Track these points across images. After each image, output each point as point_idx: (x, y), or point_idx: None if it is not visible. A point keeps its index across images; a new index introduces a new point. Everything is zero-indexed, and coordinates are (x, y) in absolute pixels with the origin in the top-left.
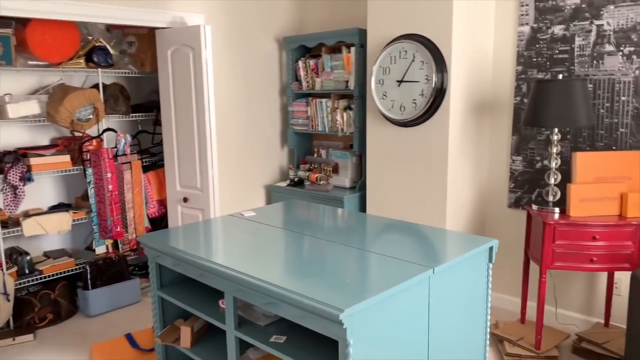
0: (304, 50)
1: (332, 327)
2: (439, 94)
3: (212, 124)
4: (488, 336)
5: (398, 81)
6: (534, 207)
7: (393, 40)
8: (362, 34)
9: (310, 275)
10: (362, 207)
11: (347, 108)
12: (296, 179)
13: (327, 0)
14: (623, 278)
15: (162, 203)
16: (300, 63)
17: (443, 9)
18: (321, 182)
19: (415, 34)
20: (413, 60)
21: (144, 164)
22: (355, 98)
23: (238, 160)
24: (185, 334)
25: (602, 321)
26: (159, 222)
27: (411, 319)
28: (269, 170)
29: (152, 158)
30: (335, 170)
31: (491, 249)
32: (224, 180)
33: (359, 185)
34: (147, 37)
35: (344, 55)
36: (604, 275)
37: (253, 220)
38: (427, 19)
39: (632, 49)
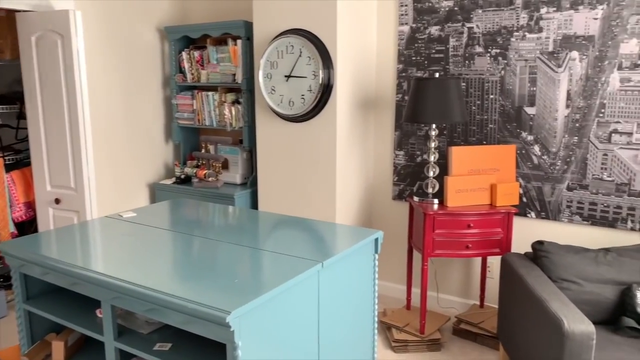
0: (188, 41)
1: (219, 330)
2: (326, 90)
3: (86, 118)
4: (376, 325)
5: (286, 76)
6: (416, 199)
7: (280, 35)
8: (249, 26)
9: (196, 277)
10: (254, 204)
11: (236, 102)
12: (183, 176)
13: None
14: (495, 262)
15: (30, 205)
16: (184, 54)
17: (327, 6)
18: (210, 178)
19: (302, 29)
20: (300, 56)
21: (7, 162)
22: (243, 92)
23: (117, 156)
24: (58, 349)
25: (478, 303)
26: (27, 226)
27: (302, 314)
28: (153, 168)
29: (17, 155)
30: (225, 166)
31: (376, 240)
32: (101, 178)
33: (250, 181)
34: (5, 20)
35: (230, 48)
36: (478, 260)
37: (133, 222)
38: (312, 14)
39: (498, 50)
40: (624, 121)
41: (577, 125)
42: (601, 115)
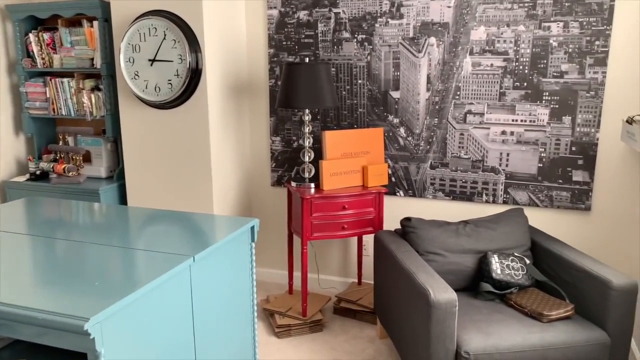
0: (35, 21)
1: (78, 339)
2: (195, 75)
3: None
4: (256, 313)
5: (150, 60)
6: (293, 184)
7: (141, 16)
8: (105, 6)
9: (54, 285)
10: (123, 199)
11: (95, 89)
12: (38, 172)
13: None
14: (369, 240)
15: None
16: (32, 37)
17: None
18: (70, 173)
19: (165, 10)
20: (164, 39)
21: None
22: (103, 77)
23: None
24: None
25: (357, 281)
26: None
27: (174, 311)
28: (2, 164)
29: None
30: (87, 159)
31: (252, 228)
32: None
33: (117, 174)
34: None
35: (85, 30)
36: (355, 240)
37: None
38: None
39: (364, 36)
40: (477, 102)
41: (437, 107)
42: (457, 97)
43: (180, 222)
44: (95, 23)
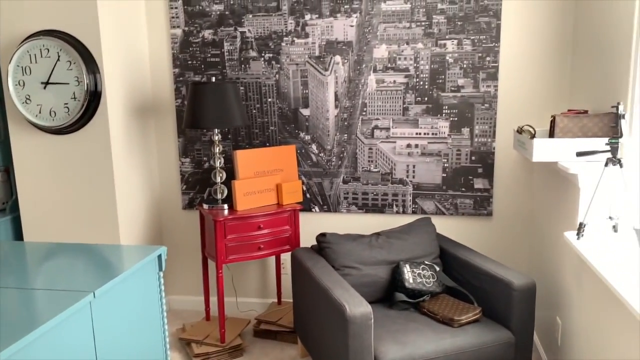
0: None
1: None
2: (94, 97)
3: None
4: (168, 345)
5: (43, 83)
6: (205, 206)
7: (31, 36)
8: None
9: None
10: (18, 233)
11: None
12: None
13: None
14: (287, 259)
15: None
16: None
17: (86, 6)
18: None
19: (58, 30)
20: (58, 60)
21: None
22: None
23: None
24: None
25: (277, 300)
26: None
27: (76, 352)
28: None
29: None
30: None
31: (160, 257)
32: None
33: (10, 206)
34: None
35: None
36: (273, 259)
37: None
38: (69, 15)
39: (271, 55)
40: (382, 118)
41: (346, 123)
42: (364, 113)
43: (81, 255)
44: None
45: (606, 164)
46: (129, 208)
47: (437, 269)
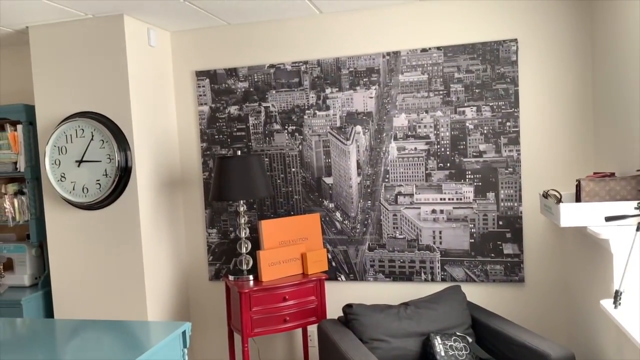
0: None
1: None
2: (124, 173)
3: None
4: None
5: (77, 161)
6: (230, 277)
7: (67, 118)
8: (30, 110)
9: None
10: (49, 308)
11: (19, 193)
12: None
13: None
14: (314, 330)
15: None
16: None
17: (119, 88)
18: None
19: (92, 111)
20: (92, 139)
21: None
22: (27, 181)
23: None
24: None
25: None
26: None
27: None
28: None
29: None
30: (9, 266)
31: (184, 333)
32: None
33: (42, 281)
34: None
35: (9, 134)
36: (299, 331)
37: None
38: (102, 97)
39: (294, 127)
40: (405, 184)
41: (369, 190)
42: (387, 180)
43: (107, 333)
44: (19, 127)
45: (638, 229)
46: (156, 281)
47: (470, 340)
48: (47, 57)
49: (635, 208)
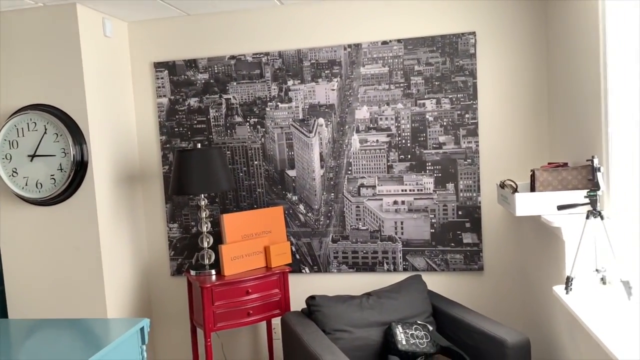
0: None
1: None
2: (80, 168)
3: None
4: None
5: (30, 155)
6: (192, 272)
7: (18, 111)
8: None
9: None
10: (2, 307)
11: None
12: None
13: None
14: (279, 323)
15: None
16: None
17: (73, 80)
18: None
19: (45, 104)
20: (45, 133)
21: None
22: None
23: None
24: None
25: None
26: None
27: None
28: None
29: None
30: None
31: (142, 329)
32: None
33: None
34: None
35: None
36: (264, 325)
37: None
38: (56, 89)
39: (256, 119)
40: (368, 176)
41: (332, 182)
42: (349, 172)
43: (63, 331)
44: None
45: (587, 217)
46: (116, 277)
47: (431, 328)
48: None
49: (585, 197)
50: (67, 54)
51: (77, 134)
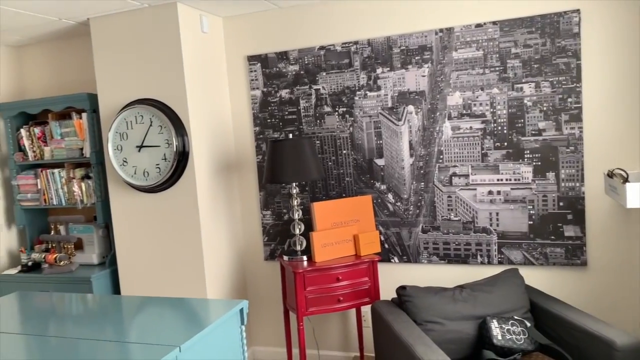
0: (26, 117)
1: None
2: (182, 157)
3: None
4: None
5: (138, 146)
6: (285, 258)
7: (127, 105)
8: (93, 98)
9: None
10: (115, 284)
11: (86, 177)
12: (30, 263)
13: (50, 64)
14: (368, 311)
15: None
16: (23, 131)
17: (175, 75)
18: (62, 262)
19: (150, 98)
20: (151, 125)
21: None
22: (93, 166)
23: None
24: None
25: (359, 354)
26: None
27: None
28: None
29: None
30: (79, 246)
31: (242, 310)
32: None
33: (109, 259)
34: None
35: (74, 122)
36: (354, 312)
37: None
38: (160, 84)
39: (344, 109)
40: (460, 164)
41: (422, 171)
42: (440, 161)
43: (169, 309)
44: (84, 115)
45: None
46: (214, 259)
47: (528, 324)
48: (107, 48)
49: None
50: (169, 50)
51: (179, 126)
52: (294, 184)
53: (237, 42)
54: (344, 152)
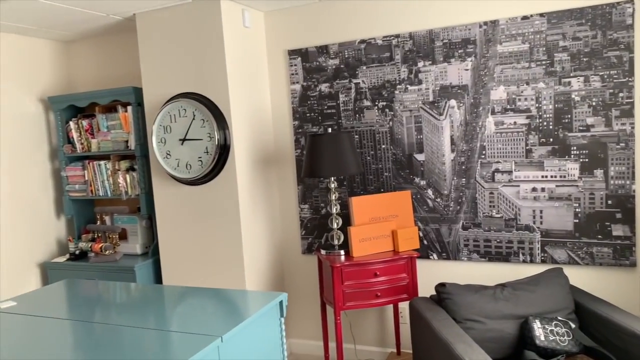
0: (75, 110)
1: None
2: (223, 151)
3: None
4: None
5: (181, 139)
6: (322, 252)
7: (171, 99)
8: (138, 92)
9: None
10: (157, 274)
11: (130, 169)
12: (78, 252)
13: (97, 59)
14: (406, 307)
15: None
16: (72, 124)
17: (218, 69)
18: (107, 251)
19: (193, 92)
20: (194, 119)
21: None
22: (137, 158)
23: (1, 237)
24: None
25: (395, 350)
26: None
27: None
28: (43, 245)
29: None
30: (124, 236)
31: (281, 303)
32: None
33: (152, 249)
34: None
35: (120, 115)
36: (391, 308)
37: (13, 313)
38: (203, 78)
39: (384, 103)
40: (503, 160)
41: (463, 167)
42: (483, 156)
43: (211, 300)
44: (129, 108)
45: None
46: (253, 252)
47: (573, 326)
48: (152, 42)
49: None
50: (211, 45)
51: (220, 120)
52: (332, 178)
53: (278, 37)
54: (383, 146)
